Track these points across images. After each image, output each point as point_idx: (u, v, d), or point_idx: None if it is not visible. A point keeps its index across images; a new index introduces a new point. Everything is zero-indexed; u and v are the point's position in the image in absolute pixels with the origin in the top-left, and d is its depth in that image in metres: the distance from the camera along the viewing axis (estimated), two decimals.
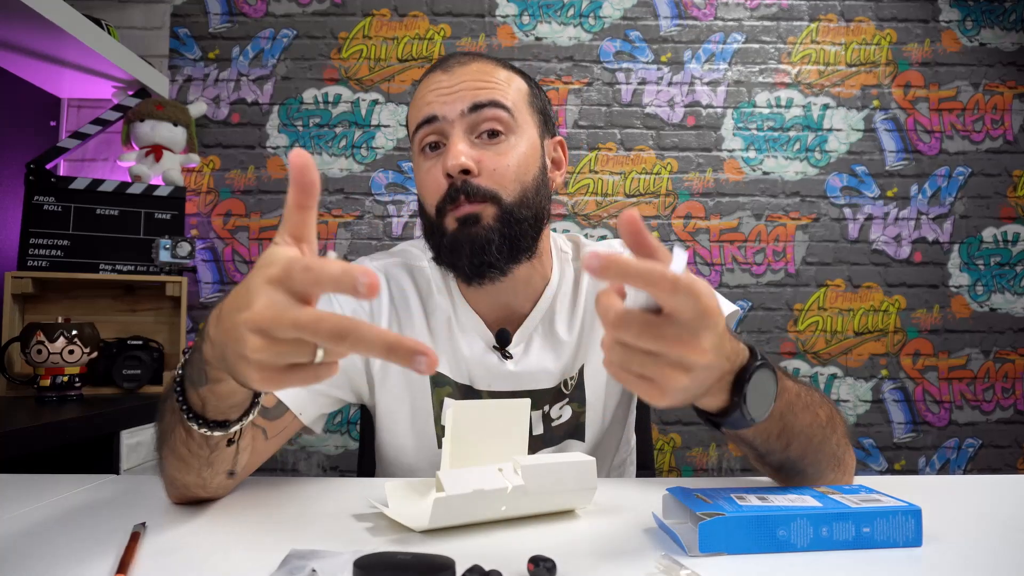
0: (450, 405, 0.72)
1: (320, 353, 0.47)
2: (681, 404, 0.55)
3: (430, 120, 0.88)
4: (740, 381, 0.60)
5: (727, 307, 0.92)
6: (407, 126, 0.96)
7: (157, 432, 0.70)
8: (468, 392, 0.94)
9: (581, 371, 0.97)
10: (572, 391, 0.96)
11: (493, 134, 0.88)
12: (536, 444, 0.95)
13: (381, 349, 0.45)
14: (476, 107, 0.87)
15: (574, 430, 0.97)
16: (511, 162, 0.87)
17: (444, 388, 0.94)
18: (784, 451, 0.71)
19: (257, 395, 0.64)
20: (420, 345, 0.46)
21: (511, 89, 0.91)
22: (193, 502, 0.74)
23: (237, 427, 0.64)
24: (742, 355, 0.61)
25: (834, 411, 0.76)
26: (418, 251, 1.01)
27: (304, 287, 0.47)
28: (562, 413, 0.96)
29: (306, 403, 0.86)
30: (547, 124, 0.96)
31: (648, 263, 0.48)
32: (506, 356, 0.94)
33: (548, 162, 0.95)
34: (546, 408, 0.95)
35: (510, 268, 0.88)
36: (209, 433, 0.62)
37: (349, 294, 0.45)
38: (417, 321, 0.96)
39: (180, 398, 0.62)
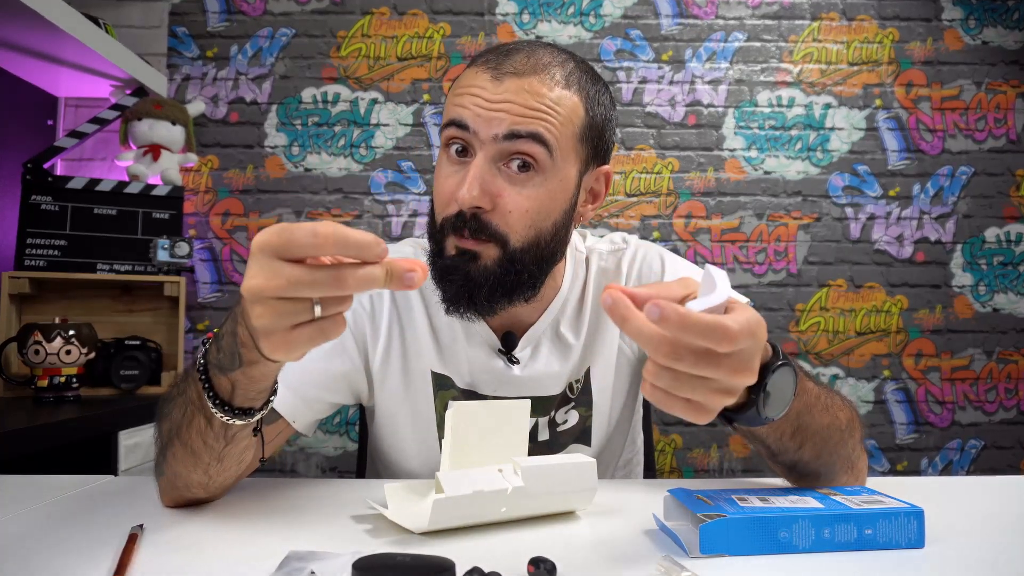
0: (450, 406, 0.71)
1: (318, 309, 0.49)
2: None
3: (460, 125, 0.79)
4: (760, 379, 0.58)
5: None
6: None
7: (163, 429, 0.70)
8: (472, 397, 0.91)
9: (587, 374, 0.95)
10: (578, 395, 0.94)
11: (525, 165, 0.79)
12: (542, 451, 0.93)
13: (378, 283, 0.48)
14: (512, 136, 0.77)
15: (580, 435, 0.95)
16: (531, 206, 0.79)
17: (448, 392, 0.92)
18: (797, 451, 0.70)
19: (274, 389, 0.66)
20: (408, 262, 0.49)
21: (561, 118, 0.79)
22: (188, 504, 0.73)
23: (259, 415, 0.64)
24: (766, 354, 0.60)
25: (854, 415, 0.75)
26: (421, 251, 0.98)
27: (302, 252, 0.48)
28: (568, 418, 0.94)
29: (300, 410, 0.84)
30: (597, 153, 0.86)
31: (707, 319, 0.46)
32: (512, 361, 0.91)
33: (583, 195, 0.87)
34: (552, 414, 0.93)
35: (497, 309, 0.84)
36: (231, 421, 0.63)
37: (356, 257, 0.48)
38: (419, 321, 0.93)
39: (206, 384, 0.62)
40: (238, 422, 0.63)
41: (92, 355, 1.70)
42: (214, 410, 0.62)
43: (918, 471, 2.25)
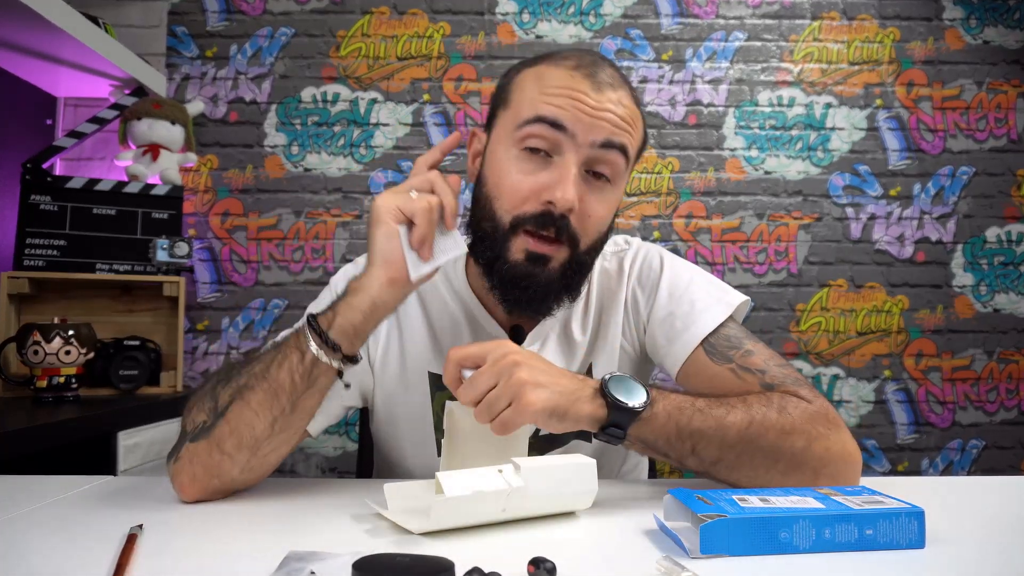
0: (447, 406, 0.71)
1: (413, 193, 0.75)
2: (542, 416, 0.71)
3: (556, 125, 0.80)
4: (602, 386, 0.73)
5: (725, 309, 0.90)
6: (502, 91, 0.88)
7: (228, 391, 0.75)
8: None
9: (590, 370, 0.96)
10: None
11: (598, 176, 0.83)
12: (543, 445, 0.94)
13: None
14: (608, 145, 0.81)
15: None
16: (604, 213, 0.85)
17: (446, 393, 0.91)
18: (693, 452, 0.74)
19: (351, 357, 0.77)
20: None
21: (635, 134, 0.85)
22: (211, 495, 0.75)
23: (342, 362, 0.75)
24: (595, 382, 0.75)
25: (766, 411, 0.75)
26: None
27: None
28: None
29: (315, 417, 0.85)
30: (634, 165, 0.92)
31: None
32: None
33: None
34: None
35: (555, 309, 0.89)
36: (321, 353, 0.73)
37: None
38: (416, 322, 0.95)
39: (312, 320, 0.75)
40: (324, 356, 0.73)
41: (91, 355, 1.69)
42: (310, 340, 0.73)
43: (919, 471, 2.24)
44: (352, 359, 0.77)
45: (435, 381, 0.93)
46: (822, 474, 0.75)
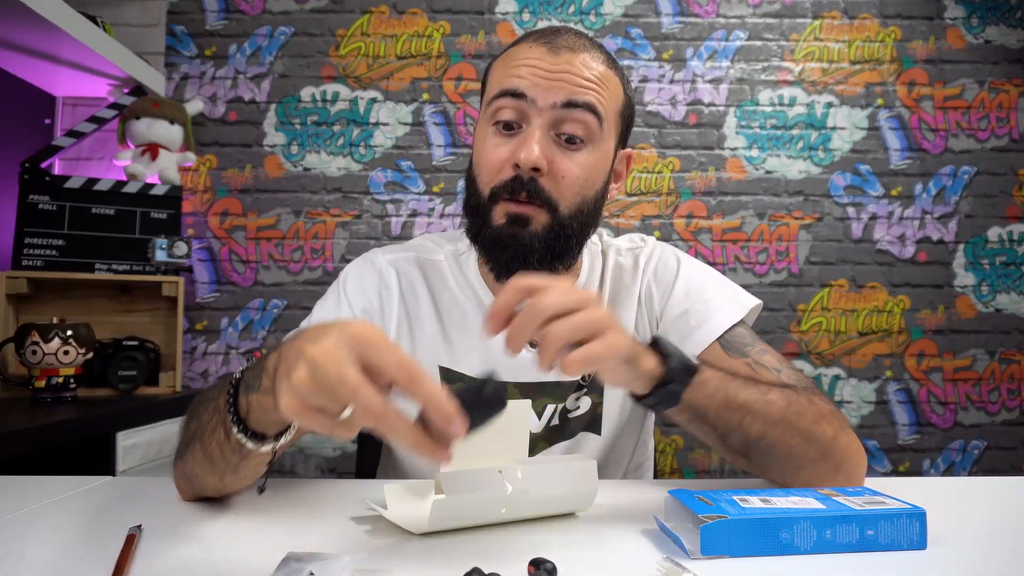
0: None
1: (347, 412, 0.49)
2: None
3: (516, 95, 0.82)
4: (655, 341, 0.71)
5: (739, 310, 0.91)
6: (483, 81, 0.91)
7: (188, 428, 0.72)
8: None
9: None
10: (590, 382, 0.95)
11: (572, 139, 0.83)
12: (553, 437, 0.94)
13: (409, 442, 0.50)
14: (570, 104, 0.81)
15: (591, 422, 0.95)
16: (580, 173, 0.84)
17: (456, 385, 0.93)
18: (740, 427, 0.73)
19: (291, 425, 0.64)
20: (441, 452, 0.51)
21: (609, 94, 0.85)
22: (201, 499, 0.76)
23: (271, 446, 0.63)
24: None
25: (798, 396, 0.76)
26: (434, 245, 1.01)
27: (379, 367, 0.50)
28: (580, 404, 0.95)
29: None
30: (625, 133, 0.92)
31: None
32: (532, 345, 0.93)
33: (610, 175, 0.91)
34: (566, 400, 0.95)
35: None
36: (245, 441, 0.62)
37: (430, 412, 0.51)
38: (426, 316, 0.95)
39: (231, 399, 0.62)
40: (249, 444, 0.62)
41: (90, 355, 1.69)
42: (231, 425, 0.62)
43: (920, 472, 2.24)
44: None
45: (445, 374, 0.93)
46: (841, 469, 0.76)
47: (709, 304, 0.91)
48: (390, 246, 1.02)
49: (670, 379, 0.69)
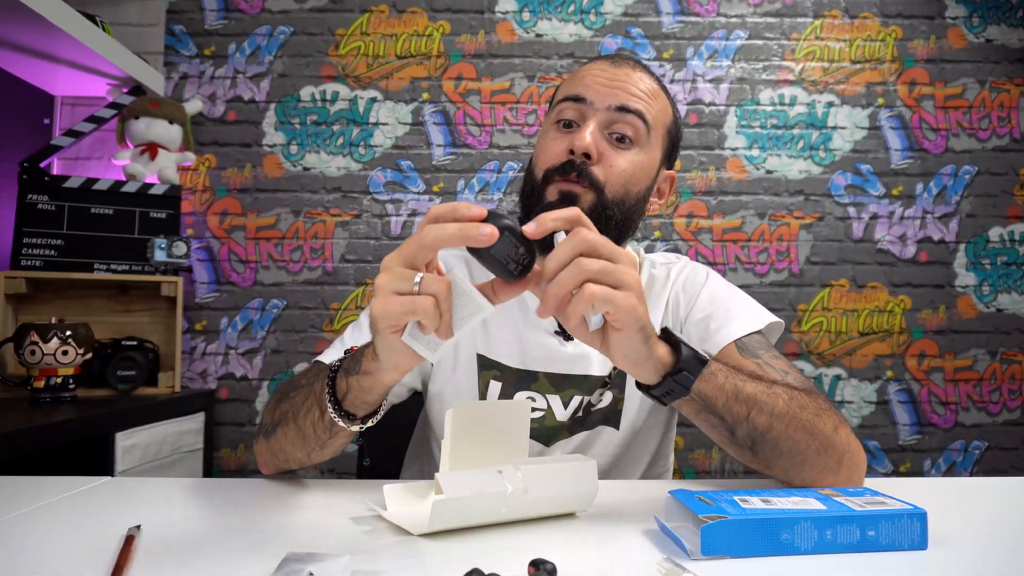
0: (453, 406, 0.71)
1: (417, 276, 0.60)
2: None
3: (578, 99, 0.94)
4: (665, 332, 0.74)
5: (758, 322, 0.95)
6: (554, 95, 1.03)
7: (279, 409, 0.84)
8: (520, 375, 0.99)
9: None
10: (615, 378, 1.00)
11: (622, 139, 0.93)
12: (574, 427, 0.99)
13: (452, 238, 0.60)
14: (622, 108, 0.93)
15: (611, 416, 0.99)
16: (627, 167, 0.93)
17: (490, 371, 1.00)
18: (747, 418, 0.74)
19: (376, 412, 0.77)
20: (476, 219, 0.60)
21: (658, 109, 0.96)
22: (282, 473, 0.88)
23: (359, 427, 0.75)
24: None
25: (799, 393, 0.78)
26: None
27: (417, 248, 0.62)
28: (603, 398, 0.99)
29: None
30: (671, 155, 1.02)
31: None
32: (567, 338, 1.00)
33: (655, 187, 1.00)
34: (592, 393, 0.99)
35: None
36: (338, 419, 0.74)
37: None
38: None
39: (331, 381, 0.75)
40: (341, 423, 0.74)
41: (89, 355, 1.69)
42: (328, 405, 0.74)
43: (921, 472, 2.23)
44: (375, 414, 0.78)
45: (482, 361, 1.00)
46: (844, 462, 0.77)
47: (731, 312, 0.96)
48: None
49: (681, 367, 0.71)
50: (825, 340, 2.26)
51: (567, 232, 0.64)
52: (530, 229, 0.62)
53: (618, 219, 0.93)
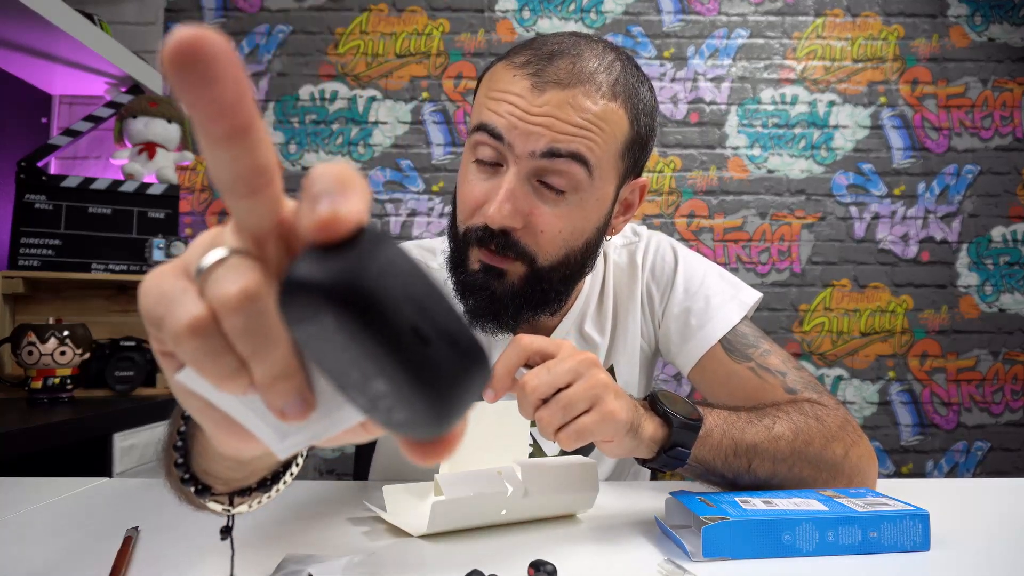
0: None
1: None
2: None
3: (494, 135, 0.74)
4: (652, 402, 0.68)
5: (740, 308, 0.90)
6: (476, 85, 0.84)
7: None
8: None
9: (611, 370, 0.94)
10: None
11: (552, 187, 0.75)
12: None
13: None
14: (551, 154, 0.72)
15: None
16: (563, 226, 0.76)
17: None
18: (749, 470, 0.70)
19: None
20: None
21: (604, 135, 0.75)
22: None
23: (223, 507, 0.49)
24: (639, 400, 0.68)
25: (805, 421, 0.74)
26: (428, 253, 0.97)
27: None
28: None
29: None
30: (636, 165, 0.82)
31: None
32: None
33: (617, 207, 0.84)
34: None
35: (521, 324, 0.82)
36: (188, 489, 0.48)
37: None
38: None
39: (174, 431, 0.52)
40: (195, 497, 0.47)
41: (87, 356, 1.68)
42: (172, 465, 0.49)
43: (923, 473, 2.23)
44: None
45: None
46: (854, 481, 0.75)
47: (711, 302, 0.88)
48: (404, 243, 1.02)
49: (675, 443, 0.66)
50: (827, 340, 2.25)
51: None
52: (489, 396, 0.61)
53: (558, 283, 0.80)
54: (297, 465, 0.50)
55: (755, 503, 0.63)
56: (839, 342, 2.25)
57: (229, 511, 0.46)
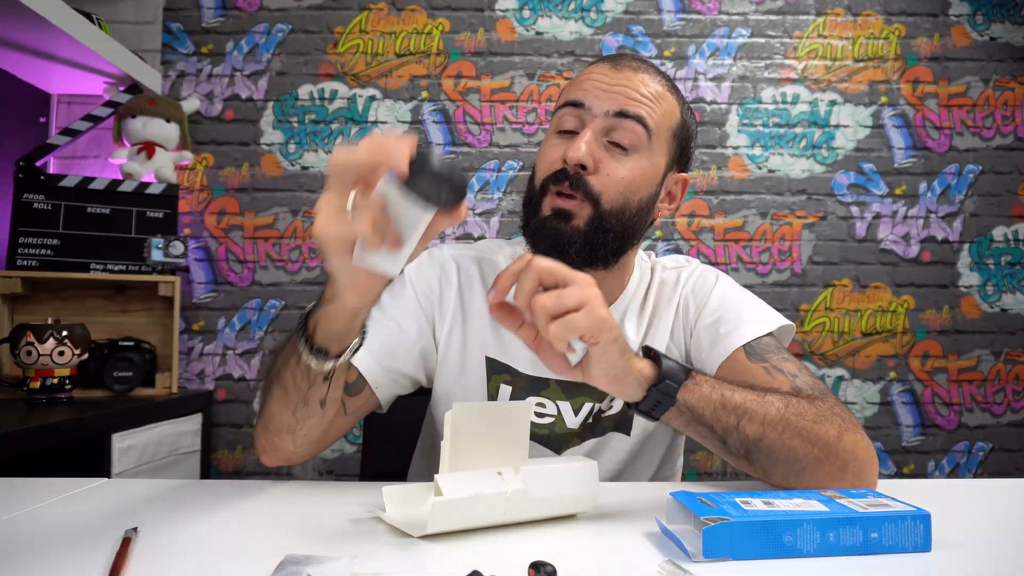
0: (453, 408, 0.70)
1: (350, 201, 0.59)
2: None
3: (576, 104, 0.91)
4: (646, 350, 0.77)
5: (768, 325, 0.95)
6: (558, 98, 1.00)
7: (269, 373, 0.83)
8: (531, 381, 0.97)
9: None
10: None
11: (620, 146, 0.90)
12: (585, 434, 0.98)
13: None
14: (621, 114, 0.89)
15: (622, 423, 0.99)
16: (626, 175, 0.89)
17: (501, 376, 0.98)
18: (737, 428, 0.75)
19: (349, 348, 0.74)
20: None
21: (662, 112, 0.92)
22: (282, 462, 0.87)
23: (332, 363, 0.73)
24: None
25: (797, 400, 0.78)
26: (496, 247, 1.06)
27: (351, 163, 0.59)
28: (613, 405, 0.98)
29: (381, 379, 0.92)
30: (681, 158, 0.98)
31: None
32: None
33: (664, 192, 0.97)
34: (603, 400, 0.98)
35: (582, 270, 0.89)
36: (311, 358, 0.72)
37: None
38: (480, 309, 1.00)
39: (303, 323, 0.73)
40: (313, 361, 0.72)
41: (85, 356, 1.67)
42: (301, 346, 0.72)
43: (924, 474, 2.22)
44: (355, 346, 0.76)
45: (492, 365, 0.98)
46: (849, 468, 0.77)
47: (741, 316, 0.95)
48: (456, 243, 1.08)
49: (664, 377, 0.73)
50: (828, 340, 2.24)
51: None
52: (491, 298, 0.68)
53: (617, 231, 0.90)
54: (362, 338, 0.75)
55: (756, 504, 0.63)
56: (840, 342, 2.24)
57: (335, 364, 0.73)
